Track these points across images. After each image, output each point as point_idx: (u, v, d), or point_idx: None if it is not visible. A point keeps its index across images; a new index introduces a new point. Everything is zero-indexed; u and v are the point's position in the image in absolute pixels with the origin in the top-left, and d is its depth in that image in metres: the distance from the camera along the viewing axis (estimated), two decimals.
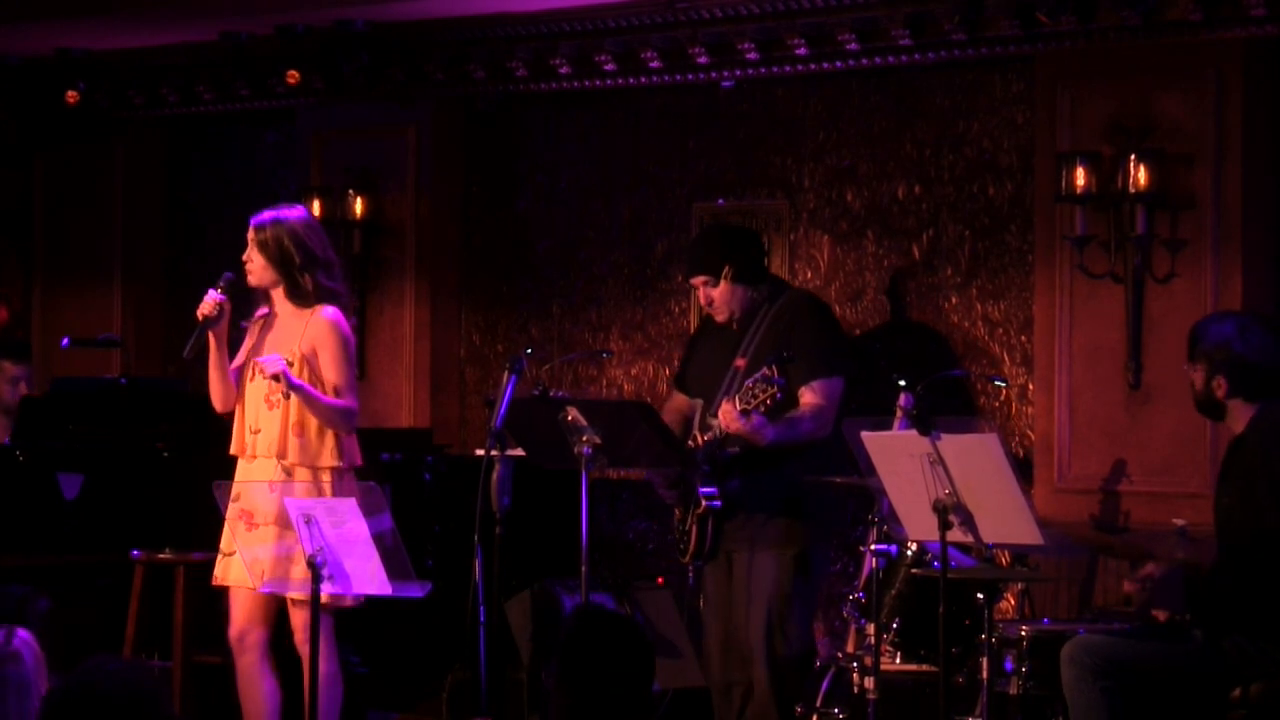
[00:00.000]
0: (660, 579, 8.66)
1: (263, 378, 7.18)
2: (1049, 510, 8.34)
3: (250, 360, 7.31)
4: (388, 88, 10.16)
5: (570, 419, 7.22)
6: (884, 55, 8.92)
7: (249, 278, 7.33)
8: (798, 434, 7.51)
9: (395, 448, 9.26)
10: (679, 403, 7.98)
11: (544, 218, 10.31)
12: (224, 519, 7.08)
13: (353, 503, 6.38)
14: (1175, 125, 8.35)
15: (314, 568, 6.36)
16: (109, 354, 10.97)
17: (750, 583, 7.64)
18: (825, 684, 7.88)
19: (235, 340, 7.42)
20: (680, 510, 7.78)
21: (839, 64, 9.07)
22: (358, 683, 8.42)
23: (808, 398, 7.57)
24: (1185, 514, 7.20)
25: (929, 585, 7.28)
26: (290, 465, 7.19)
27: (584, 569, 7.24)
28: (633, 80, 9.61)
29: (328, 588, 6.45)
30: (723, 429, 7.47)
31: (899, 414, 7.90)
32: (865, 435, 6.39)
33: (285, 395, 7.18)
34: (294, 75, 10.17)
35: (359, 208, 10.39)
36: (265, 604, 7.30)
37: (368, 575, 6.43)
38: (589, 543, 7.25)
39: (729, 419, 7.36)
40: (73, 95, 10.83)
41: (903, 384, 7.98)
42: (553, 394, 7.94)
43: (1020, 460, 8.53)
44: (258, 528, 7.09)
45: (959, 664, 7.33)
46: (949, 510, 6.20)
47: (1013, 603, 8.60)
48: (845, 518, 8.47)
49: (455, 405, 10.51)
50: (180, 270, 11.44)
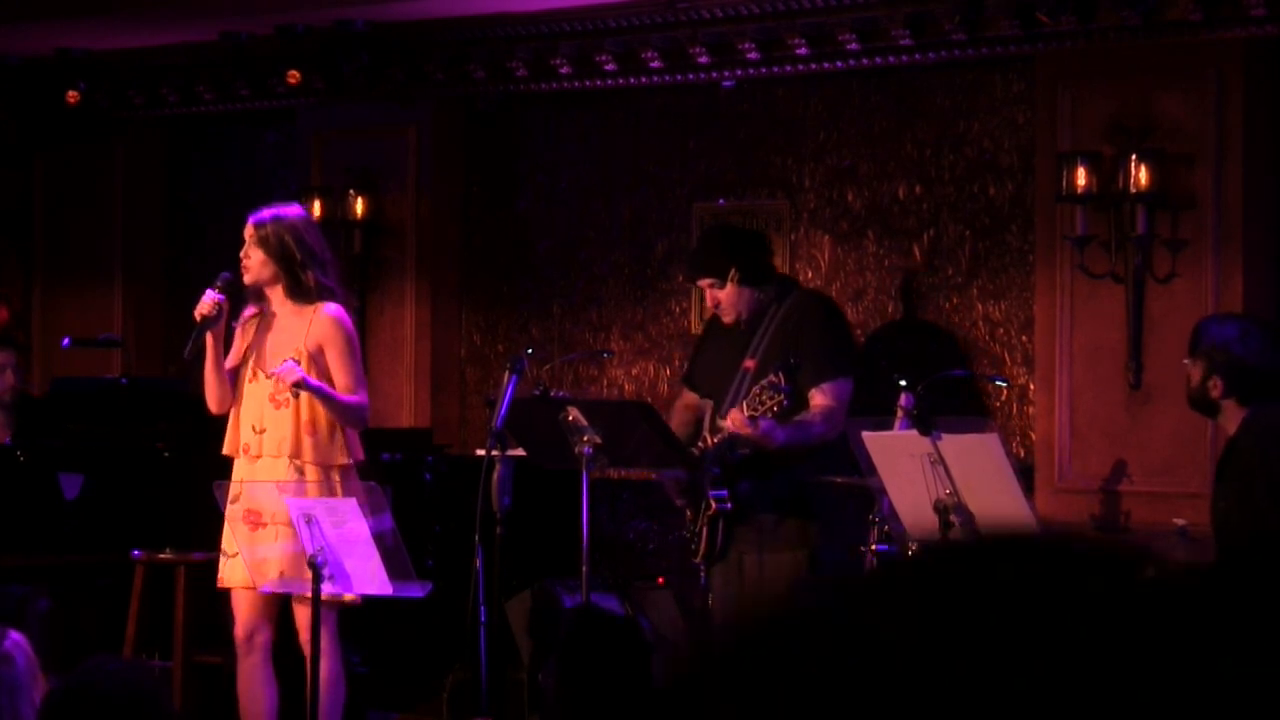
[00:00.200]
0: (660, 579, 8.65)
1: (283, 387, 7.16)
2: (1049, 510, 8.33)
3: (247, 360, 7.30)
4: (388, 88, 10.15)
5: (571, 419, 7.22)
6: (884, 55, 8.91)
7: (246, 275, 7.31)
8: (809, 436, 7.49)
9: (396, 448, 9.25)
10: (689, 400, 7.96)
11: (544, 218, 10.30)
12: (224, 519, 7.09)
13: (353, 503, 6.38)
14: (1176, 125, 8.35)
15: (314, 568, 6.36)
16: (109, 354, 10.96)
17: (761, 584, 7.62)
18: None
19: (232, 340, 7.41)
20: (691, 512, 7.77)
21: (839, 64, 9.06)
22: (358, 683, 8.41)
23: (818, 400, 7.53)
24: (1185, 514, 7.20)
25: None
26: (303, 464, 7.19)
27: (584, 569, 7.23)
28: (633, 80, 9.60)
29: (328, 587, 6.46)
30: (731, 433, 7.46)
31: (900, 414, 7.89)
32: (866, 435, 6.40)
33: (295, 395, 7.17)
34: (294, 75, 10.16)
35: (359, 208, 10.38)
36: (270, 604, 7.29)
37: (368, 575, 6.43)
38: (589, 543, 7.24)
39: (738, 426, 7.34)
40: (73, 95, 10.82)
41: (903, 384, 7.97)
42: (553, 394, 7.94)
43: (1021, 460, 8.53)
44: (264, 527, 7.07)
45: None
46: (950, 510, 6.20)
47: None
48: (854, 518, 8.47)
49: (456, 405, 10.51)
50: (180, 270, 11.43)
